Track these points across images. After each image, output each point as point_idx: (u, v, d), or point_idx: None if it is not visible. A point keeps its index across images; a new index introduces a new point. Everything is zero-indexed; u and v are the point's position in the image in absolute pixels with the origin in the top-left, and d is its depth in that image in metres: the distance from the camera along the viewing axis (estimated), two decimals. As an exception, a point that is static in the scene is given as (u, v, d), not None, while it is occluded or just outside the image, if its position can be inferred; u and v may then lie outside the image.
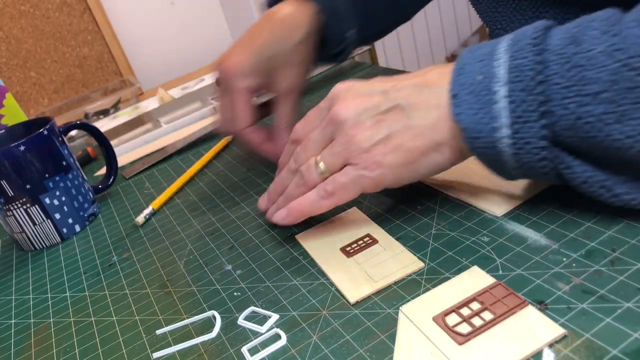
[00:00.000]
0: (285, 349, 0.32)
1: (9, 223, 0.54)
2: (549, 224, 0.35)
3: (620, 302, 0.28)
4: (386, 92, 0.37)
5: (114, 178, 0.62)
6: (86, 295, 0.44)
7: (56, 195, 0.54)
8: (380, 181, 0.37)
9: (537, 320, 0.28)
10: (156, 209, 0.55)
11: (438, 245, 0.37)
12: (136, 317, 0.39)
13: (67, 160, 0.55)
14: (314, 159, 0.39)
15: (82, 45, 1.77)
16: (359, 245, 0.39)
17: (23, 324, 0.43)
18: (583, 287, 0.30)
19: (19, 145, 0.51)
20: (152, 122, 0.88)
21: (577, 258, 0.32)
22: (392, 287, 0.34)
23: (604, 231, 0.33)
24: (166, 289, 0.42)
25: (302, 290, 0.37)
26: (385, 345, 0.30)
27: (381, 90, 0.38)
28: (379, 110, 0.37)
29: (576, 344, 0.27)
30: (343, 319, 0.33)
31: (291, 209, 0.40)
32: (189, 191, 0.58)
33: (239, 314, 0.36)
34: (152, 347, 0.36)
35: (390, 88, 0.38)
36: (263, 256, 0.42)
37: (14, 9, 1.65)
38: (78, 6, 1.74)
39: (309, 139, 0.40)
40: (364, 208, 0.44)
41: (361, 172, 0.37)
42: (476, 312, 0.30)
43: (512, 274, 0.32)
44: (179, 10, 1.90)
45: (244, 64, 0.50)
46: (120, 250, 0.50)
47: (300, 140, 0.42)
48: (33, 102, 1.74)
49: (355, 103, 0.38)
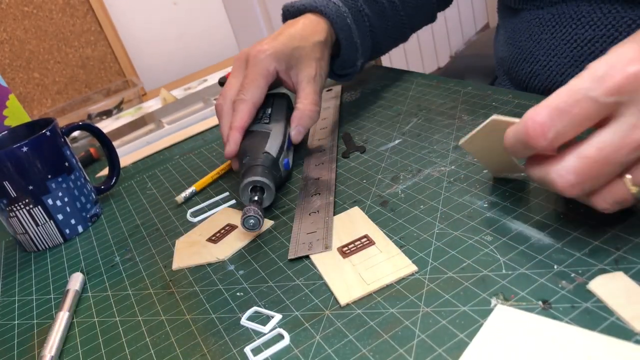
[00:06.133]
0: (288, 349, 0.32)
1: (12, 224, 0.54)
2: (553, 223, 0.35)
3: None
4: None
5: (117, 179, 0.62)
6: (89, 296, 0.44)
7: (59, 196, 0.54)
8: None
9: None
10: (198, 189, 0.57)
11: (441, 245, 0.36)
12: (139, 318, 0.39)
13: (69, 161, 0.55)
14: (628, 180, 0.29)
15: (85, 46, 1.78)
16: (355, 246, 0.39)
17: (26, 325, 0.43)
18: (587, 286, 0.29)
19: (21, 146, 0.51)
20: (155, 122, 0.88)
21: (581, 257, 0.31)
22: (395, 287, 0.34)
23: (607, 230, 0.33)
24: (169, 289, 0.42)
25: (305, 290, 0.36)
26: (389, 345, 0.30)
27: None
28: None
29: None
30: (346, 319, 0.33)
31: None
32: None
33: (242, 314, 0.36)
34: (155, 347, 0.36)
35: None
36: (266, 256, 0.42)
37: (18, 10, 1.65)
38: (81, 7, 1.74)
39: (607, 160, 0.28)
40: (365, 207, 0.44)
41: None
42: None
43: (515, 273, 0.32)
44: (182, 11, 1.90)
45: (272, 49, 0.53)
46: (123, 251, 0.50)
47: (551, 140, 0.29)
48: (36, 103, 1.74)
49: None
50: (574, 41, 0.53)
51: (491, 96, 0.55)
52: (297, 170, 0.54)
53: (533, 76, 0.58)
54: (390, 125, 0.56)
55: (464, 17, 2.47)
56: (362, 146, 0.54)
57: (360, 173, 0.49)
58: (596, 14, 0.50)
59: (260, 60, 0.52)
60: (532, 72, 0.58)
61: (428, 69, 2.53)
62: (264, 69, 0.52)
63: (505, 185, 0.40)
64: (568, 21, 0.53)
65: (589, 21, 0.51)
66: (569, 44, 0.53)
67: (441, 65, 2.54)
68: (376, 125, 0.57)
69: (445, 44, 2.54)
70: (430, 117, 0.55)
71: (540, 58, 0.57)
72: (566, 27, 0.53)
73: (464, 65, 1.04)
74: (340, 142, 0.56)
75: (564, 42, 0.54)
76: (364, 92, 0.68)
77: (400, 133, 0.54)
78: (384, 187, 0.46)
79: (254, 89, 0.52)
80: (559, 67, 0.55)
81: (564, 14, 0.53)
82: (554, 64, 0.55)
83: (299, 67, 0.54)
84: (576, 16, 0.52)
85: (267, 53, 0.53)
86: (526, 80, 0.59)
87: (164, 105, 1.01)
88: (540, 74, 0.57)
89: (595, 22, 0.51)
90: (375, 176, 0.48)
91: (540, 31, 0.56)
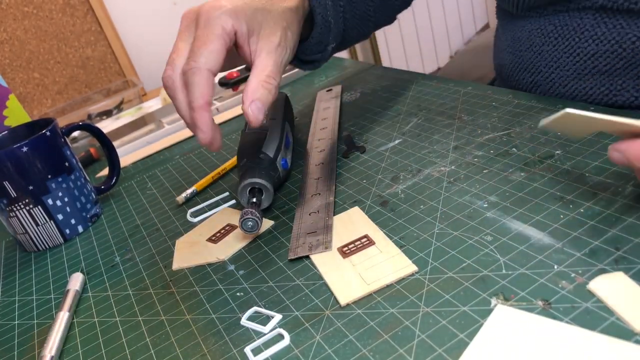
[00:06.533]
0: (289, 349, 0.32)
1: (12, 224, 0.54)
2: (553, 223, 0.35)
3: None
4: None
5: (117, 179, 0.62)
6: (89, 296, 0.44)
7: (59, 196, 0.54)
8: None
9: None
10: (199, 190, 0.56)
11: (441, 245, 0.36)
12: (139, 318, 0.39)
13: (69, 161, 0.55)
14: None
15: (85, 46, 1.78)
16: (355, 246, 0.39)
17: (26, 325, 0.43)
18: (587, 286, 0.29)
19: (21, 146, 0.51)
20: (155, 122, 0.88)
21: (581, 257, 0.31)
22: (395, 287, 0.34)
23: (607, 230, 0.33)
24: (169, 289, 0.42)
25: (305, 290, 0.36)
26: (389, 345, 0.30)
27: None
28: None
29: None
30: (346, 319, 0.33)
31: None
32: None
33: (242, 314, 0.36)
34: (155, 347, 0.36)
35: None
36: (266, 256, 0.42)
37: (17, 10, 1.65)
38: (81, 7, 1.75)
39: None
40: (365, 207, 0.44)
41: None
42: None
43: (515, 273, 0.32)
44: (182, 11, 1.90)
45: (230, 4, 0.43)
46: (123, 251, 0.50)
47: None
48: (36, 103, 1.74)
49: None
50: (577, 54, 0.51)
51: (491, 96, 0.55)
52: (297, 170, 0.54)
53: (534, 86, 0.57)
54: (390, 125, 0.56)
55: (464, 17, 2.47)
56: (362, 146, 0.54)
57: (360, 173, 0.49)
58: (600, 28, 0.48)
59: (216, 17, 0.42)
60: (534, 82, 0.56)
61: (428, 69, 2.53)
62: (219, 27, 0.42)
63: (505, 185, 0.40)
64: (571, 33, 0.51)
65: (592, 35, 0.49)
66: (571, 57, 0.51)
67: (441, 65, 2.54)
68: (376, 125, 0.57)
69: (445, 44, 2.54)
70: (430, 117, 0.55)
71: (541, 69, 0.55)
72: (568, 40, 0.51)
73: (464, 65, 1.04)
74: (340, 142, 0.56)
75: (566, 54, 0.52)
76: (364, 92, 0.68)
77: (400, 133, 0.54)
78: (384, 187, 0.46)
79: (207, 53, 0.41)
80: (561, 80, 0.53)
81: (567, 25, 0.51)
82: (555, 76, 0.54)
83: (261, 33, 0.44)
84: (579, 29, 0.50)
85: (224, 9, 0.43)
86: (527, 89, 0.58)
87: (164, 105, 1.01)
88: (541, 84, 0.56)
89: (598, 36, 0.49)
90: (375, 176, 0.48)
91: (542, 42, 0.54)
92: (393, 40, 2.39)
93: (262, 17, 0.44)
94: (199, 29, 0.43)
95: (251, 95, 0.41)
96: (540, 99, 0.51)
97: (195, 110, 0.41)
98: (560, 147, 0.43)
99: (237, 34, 0.43)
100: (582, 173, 0.39)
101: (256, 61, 0.43)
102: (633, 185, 0.36)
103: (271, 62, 0.43)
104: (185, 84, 0.42)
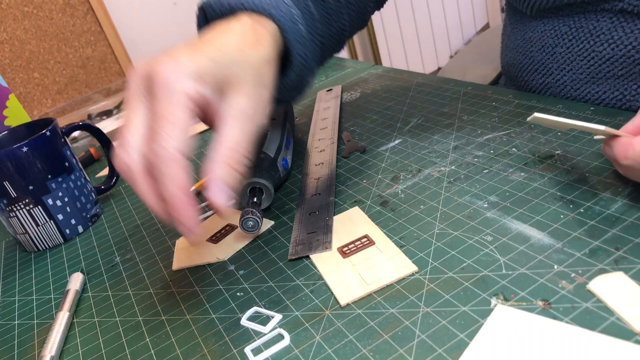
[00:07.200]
0: (289, 349, 0.32)
1: (12, 224, 0.54)
2: (553, 223, 0.35)
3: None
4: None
5: (117, 179, 0.62)
6: (89, 296, 0.44)
7: (59, 196, 0.54)
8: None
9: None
10: (199, 189, 0.56)
11: (441, 245, 0.36)
12: (139, 318, 0.39)
13: (69, 161, 0.56)
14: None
15: (85, 46, 1.78)
16: (355, 246, 0.39)
17: (26, 325, 0.43)
18: (587, 286, 0.29)
19: (21, 146, 0.51)
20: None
21: (581, 257, 0.31)
22: (395, 287, 0.34)
23: (607, 230, 0.33)
24: (169, 289, 0.42)
25: (305, 290, 0.36)
26: (389, 345, 0.30)
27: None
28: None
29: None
30: (346, 319, 0.33)
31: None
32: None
33: (242, 314, 0.36)
34: (155, 347, 0.36)
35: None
36: (266, 256, 0.42)
37: (18, 10, 1.65)
38: (81, 7, 1.75)
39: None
40: (365, 207, 0.44)
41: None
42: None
43: (515, 273, 0.32)
44: (182, 11, 1.90)
45: (193, 64, 0.35)
46: (123, 251, 0.50)
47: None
48: (36, 103, 1.74)
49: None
50: (591, 58, 0.50)
51: (491, 96, 0.55)
52: (297, 170, 0.54)
53: (545, 88, 0.56)
54: (390, 125, 0.56)
55: (464, 17, 2.47)
56: (362, 146, 0.54)
57: (360, 173, 0.49)
58: (617, 32, 0.47)
59: (177, 84, 0.34)
60: (545, 84, 0.55)
61: (428, 69, 2.53)
62: (183, 97, 0.34)
63: (505, 185, 0.40)
64: (586, 36, 0.50)
65: (609, 39, 0.48)
66: (585, 60, 0.50)
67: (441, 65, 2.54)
68: (376, 125, 0.57)
69: (445, 44, 2.54)
70: (430, 117, 0.55)
71: (553, 71, 0.54)
72: (583, 42, 0.50)
73: (464, 65, 1.04)
74: (340, 142, 0.56)
75: (580, 57, 0.51)
76: (364, 92, 0.68)
77: (400, 133, 0.54)
78: (384, 187, 0.46)
79: (177, 134, 0.33)
80: (573, 83, 0.52)
81: (582, 27, 0.50)
82: (568, 79, 0.53)
83: (230, 91, 0.36)
84: (595, 32, 0.49)
85: (186, 72, 0.34)
86: (537, 91, 0.57)
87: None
88: (552, 87, 0.55)
89: (615, 40, 0.48)
90: (375, 176, 0.48)
91: (555, 43, 0.53)
92: (393, 40, 2.39)
93: (230, 73, 0.36)
94: (157, 102, 0.34)
95: (213, 175, 0.34)
96: (540, 99, 0.51)
97: (176, 207, 0.32)
98: (560, 147, 0.43)
99: (201, 100, 0.35)
100: (582, 173, 0.39)
101: (221, 130, 0.35)
102: (633, 185, 0.36)
103: (238, 129, 0.35)
104: (149, 173, 0.33)
